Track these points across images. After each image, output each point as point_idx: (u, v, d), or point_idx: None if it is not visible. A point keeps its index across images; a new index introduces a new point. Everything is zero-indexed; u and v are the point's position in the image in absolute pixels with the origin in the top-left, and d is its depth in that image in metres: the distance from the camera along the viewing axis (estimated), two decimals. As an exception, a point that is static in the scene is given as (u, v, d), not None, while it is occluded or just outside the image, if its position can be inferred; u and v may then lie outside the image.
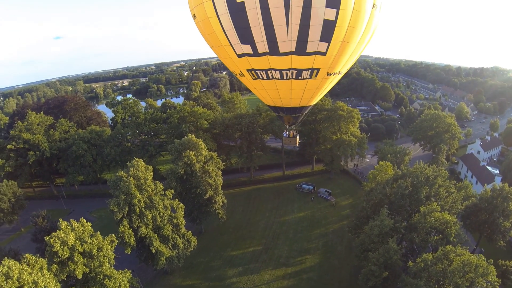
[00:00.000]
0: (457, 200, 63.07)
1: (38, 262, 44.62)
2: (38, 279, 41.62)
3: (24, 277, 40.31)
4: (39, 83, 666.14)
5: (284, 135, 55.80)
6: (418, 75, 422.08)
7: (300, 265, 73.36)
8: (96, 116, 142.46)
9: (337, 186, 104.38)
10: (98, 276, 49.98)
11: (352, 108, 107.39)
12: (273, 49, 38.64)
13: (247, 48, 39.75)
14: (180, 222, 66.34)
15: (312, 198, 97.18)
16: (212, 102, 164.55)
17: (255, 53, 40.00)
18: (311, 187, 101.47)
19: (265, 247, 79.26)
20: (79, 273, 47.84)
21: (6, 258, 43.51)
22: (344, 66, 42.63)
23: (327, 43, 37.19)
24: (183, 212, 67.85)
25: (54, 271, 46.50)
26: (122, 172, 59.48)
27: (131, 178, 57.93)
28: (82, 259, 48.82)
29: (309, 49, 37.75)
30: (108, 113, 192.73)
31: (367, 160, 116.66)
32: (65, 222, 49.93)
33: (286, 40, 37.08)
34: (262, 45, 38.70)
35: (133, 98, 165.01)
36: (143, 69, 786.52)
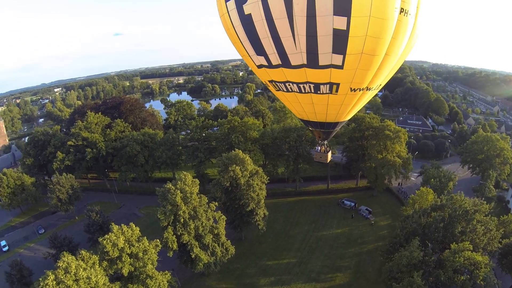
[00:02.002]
0: (494, 238, 60.19)
1: (91, 259, 50.55)
2: (91, 274, 47.05)
3: (80, 272, 45.82)
4: (99, 77, 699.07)
5: (317, 150, 54.52)
6: (476, 85, 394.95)
7: (329, 281, 73.86)
8: (150, 118, 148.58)
9: (379, 204, 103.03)
10: (141, 276, 54.51)
11: (400, 127, 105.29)
12: (285, 62, 37.25)
13: (263, 60, 38.94)
14: (220, 232, 69.62)
15: (353, 216, 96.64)
16: (264, 109, 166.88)
17: (270, 65, 38.97)
18: (353, 204, 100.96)
19: (299, 260, 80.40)
20: (125, 271, 53.04)
21: (65, 252, 49.72)
22: (373, 81, 38.89)
23: (341, 56, 34.12)
24: (224, 223, 71.23)
25: (104, 267, 52.13)
26: (170, 185, 63.43)
27: (178, 191, 61.85)
28: (129, 259, 53.82)
29: (321, 62, 35.16)
30: (162, 110, 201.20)
31: (413, 179, 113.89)
32: (116, 226, 55.07)
33: (295, 52, 35.40)
34: (274, 57, 37.57)
35: (187, 100, 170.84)
36: (199, 66, 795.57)
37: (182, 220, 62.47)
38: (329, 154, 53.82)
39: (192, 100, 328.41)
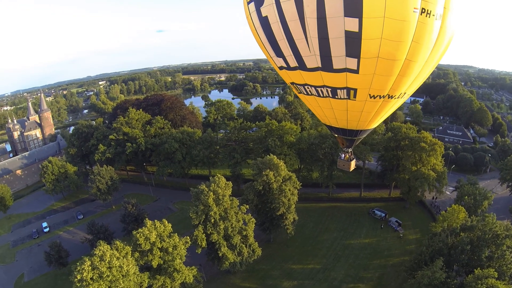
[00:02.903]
0: (525, 267, 56.48)
1: (124, 249, 54.72)
2: (123, 264, 51.10)
3: (113, 261, 49.87)
4: (142, 71, 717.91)
5: (340, 157, 51.99)
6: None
7: (350, 291, 74.20)
8: (189, 116, 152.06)
9: (410, 217, 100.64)
10: (169, 269, 58.50)
11: (438, 137, 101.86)
12: (301, 64, 36.22)
13: (282, 62, 38.42)
14: (248, 234, 72.03)
15: (382, 226, 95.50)
16: (303, 111, 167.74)
17: (289, 67, 38.31)
18: (383, 215, 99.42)
19: (323, 267, 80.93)
20: (154, 263, 57.09)
21: (101, 241, 54.09)
22: (395, 89, 35.93)
23: (356, 59, 32.12)
24: (253, 225, 73.58)
25: (136, 257, 56.15)
26: (204, 186, 66.50)
27: (211, 193, 64.68)
28: (159, 253, 57.54)
29: (336, 65, 33.54)
30: (202, 107, 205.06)
31: (448, 193, 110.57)
32: (150, 221, 58.70)
33: (309, 55, 34.25)
34: (291, 59, 36.81)
35: (227, 100, 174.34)
36: (241, 64, 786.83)
37: (212, 220, 65.28)
38: (353, 163, 51.33)
39: (233, 98, 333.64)
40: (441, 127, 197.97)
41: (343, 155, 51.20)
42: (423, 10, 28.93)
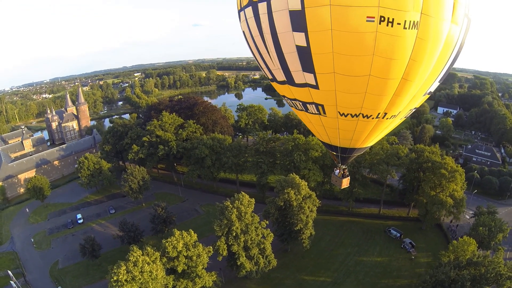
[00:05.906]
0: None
1: (154, 255, 61.87)
2: (153, 269, 58.84)
3: (145, 267, 57.66)
4: (177, 64, 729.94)
5: (335, 172, 49.09)
6: None
7: (355, 308, 77.07)
8: (221, 120, 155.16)
9: (425, 239, 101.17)
10: (192, 274, 65.68)
11: (458, 165, 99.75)
12: (273, 77, 36.84)
13: (266, 72, 39.12)
14: (266, 247, 77.38)
15: (402, 246, 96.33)
16: None
17: (268, 77, 39.54)
18: (399, 235, 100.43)
19: (333, 281, 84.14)
20: (179, 268, 64.04)
21: (134, 247, 61.94)
22: (371, 108, 32.88)
23: (312, 74, 30.79)
24: (271, 239, 78.92)
25: (163, 262, 63.26)
26: (228, 202, 72.21)
27: (234, 209, 70.51)
28: (184, 260, 64.24)
29: (297, 80, 32.97)
30: (235, 104, 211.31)
31: (467, 217, 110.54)
32: (178, 231, 65.30)
33: (275, 68, 34.46)
34: (267, 71, 37.44)
35: (259, 105, 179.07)
36: None
37: (234, 233, 71.24)
38: (345, 181, 47.99)
39: (266, 99, 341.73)
40: (470, 146, 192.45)
41: (337, 170, 48.43)
42: (383, 19, 25.24)
